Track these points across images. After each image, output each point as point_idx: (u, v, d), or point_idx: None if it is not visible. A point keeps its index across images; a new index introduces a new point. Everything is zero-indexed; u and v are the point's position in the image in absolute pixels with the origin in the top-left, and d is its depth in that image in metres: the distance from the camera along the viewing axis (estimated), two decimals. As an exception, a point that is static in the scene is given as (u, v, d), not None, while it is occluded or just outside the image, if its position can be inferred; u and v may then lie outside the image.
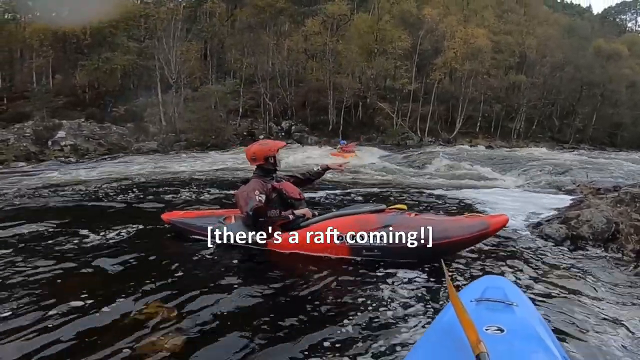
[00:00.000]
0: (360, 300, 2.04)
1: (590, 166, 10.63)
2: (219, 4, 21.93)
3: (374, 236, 2.56)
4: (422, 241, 2.49)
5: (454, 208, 4.77)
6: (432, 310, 1.93)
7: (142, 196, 5.54)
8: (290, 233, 2.72)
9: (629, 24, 38.58)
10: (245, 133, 19.04)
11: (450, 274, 2.21)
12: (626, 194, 3.66)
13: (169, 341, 1.62)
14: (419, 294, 2.10)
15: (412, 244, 2.51)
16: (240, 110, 19.28)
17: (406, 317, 1.85)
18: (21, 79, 17.29)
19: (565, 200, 4.88)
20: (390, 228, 2.57)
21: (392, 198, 5.40)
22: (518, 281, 2.30)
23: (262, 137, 19.00)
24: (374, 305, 1.98)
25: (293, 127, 19.97)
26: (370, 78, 22.09)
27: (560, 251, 3.00)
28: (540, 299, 2.08)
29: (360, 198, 5.32)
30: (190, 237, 3.06)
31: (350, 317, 1.85)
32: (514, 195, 5.93)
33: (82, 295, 2.02)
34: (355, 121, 21.91)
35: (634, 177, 7.68)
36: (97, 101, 16.98)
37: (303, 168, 3.69)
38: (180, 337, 1.66)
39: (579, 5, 43.02)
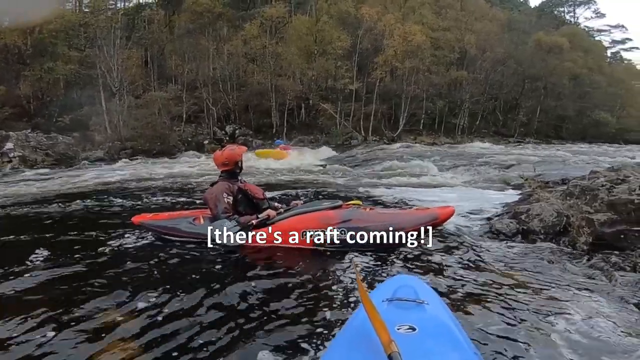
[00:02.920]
0: (273, 302, 2.59)
1: (537, 159, 12.58)
2: (157, 10, 28.18)
3: (334, 230, 3.60)
4: (378, 233, 3.56)
5: (403, 205, 5.87)
6: (348, 310, 2.43)
7: (95, 204, 6.59)
8: (259, 232, 3.74)
9: (567, 16, 48.87)
10: (189, 139, 25.11)
11: (361, 273, 2.99)
12: (575, 186, 4.23)
13: (127, 346, 2.03)
14: (334, 295, 2.68)
15: (369, 236, 3.57)
16: (184, 116, 25.35)
17: (321, 319, 2.33)
18: (-36, 92, 22.40)
19: (513, 195, 5.73)
20: (349, 222, 3.63)
21: (342, 195, 6.79)
22: (467, 278, 2.91)
23: (206, 142, 25.31)
24: (287, 307, 2.52)
25: (237, 131, 26.24)
26: (312, 79, 28.60)
27: (511, 246, 3.67)
28: (492, 294, 2.62)
29: (313, 197, 6.74)
30: (161, 238, 4.06)
31: (265, 321, 2.34)
32: (461, 192, 7.08)
33: (40, 308, 2.49)
34: (299, 123, 28.57)
35: (581, 169, 8.48)
36: (43, 111, 22.44)
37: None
38: (138, 342, 2.08)
39: (516, -2, 52.05)
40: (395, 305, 1.45)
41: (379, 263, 3.31)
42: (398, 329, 1.25)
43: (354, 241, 3.57)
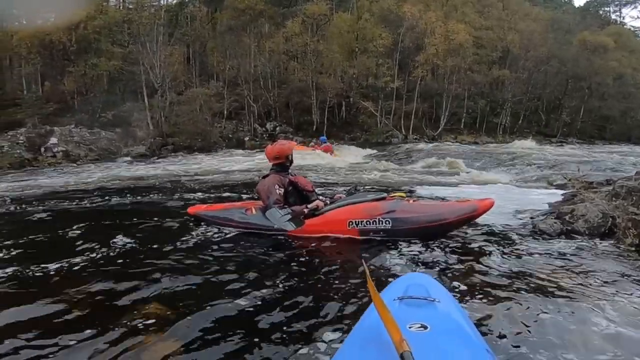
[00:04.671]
0: (297, 297, 2.46)
1: (580, 160, 12.07)
2: (200, 7, 26.39)
3: (379, 220, 3.52)
4: (420, 223, 3.48)
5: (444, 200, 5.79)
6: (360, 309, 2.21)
7: (146, 197, 6.62)
8: (309, 220, 3.73)
9: (613, 16, 44.96)
10: (230, 135, 23.28)
11: (370, 272, 2.60)
12: (622, 187, 4.07)
13: (167, 342, 1.92)
14: (346, 294, 2.51)
15: (411, 225, 3.49)
16: (225, 112, 23.50)
17: (333, 319, 2.19)
18: (11, 87, 21.14)
19: (556, 195, 5.56)
20: (393, 213, 3.53)
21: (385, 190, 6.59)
22: (507, 277, 2.72)
23: (247, 139, 23.43)
24: (298, 307, 2.35)
25: (278, 128, 24.24)
26: (353, 77, 26.49)
27: (554, 246, 3.43)
28: (531, 293, 2.46)
29: (357, 191, 6.23)
30: (213, 228, 4.03)
31: (273, 321, 2.18)
32: (503, 191, 6.83)
33: (87, 299, 2.42)
34: (339, 121, 26.43)
35: (626, 170, 8.23)
36: (86, 107, 20.92)
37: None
38: (178, 340, 1.95)
39: (561, -3, 48.73)
40: (407, 303, 1.36)
41: (422, 254, 3.24)
42: (410, 328, 1.16)
43: (397, 230, 3.52)
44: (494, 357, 1.15)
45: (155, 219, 4.65)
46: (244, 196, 6.36)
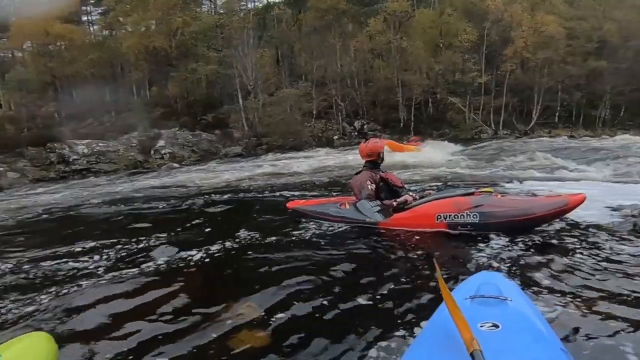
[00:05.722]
0: (373, 293, 2.40)
1: None
2: (285, 9, 26.04)
3: (467, 214, 3.44)
4: (508, 217, 3.36)
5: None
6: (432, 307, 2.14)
7: (246, 195, 6.97)
8: (398, 214, 3.75)
9: None
10: (319, 134, 22.62)
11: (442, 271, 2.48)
12: None
13: (255, 335, 1.94)
14: (421, 291, 2.42)
15: (499, 219, 3.38)
16: (314, 112, 22.87)
17: (406, 316, 2.11)
18: (124, 93, 21.92)
19: None
20: (481, 207, 3.44)
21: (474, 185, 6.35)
22: (597, 278, 2.49)
23: (336, 137, 22.65)
24: (373, 303, 2.28)
25: (365, 126, 23.22)
26: (439, 73, 24.95)
27: None
28: (619, 297, 2.21)
29: (445, 188, 6.39)
30: (311, 220, 4.16)
31: (360, 313, 2.18)
32: (602, 187, 6.25)
33: (186, 293, 2.47)
34: (426, 117, 24.86)
35: None
36: (188, 110, 21.14)
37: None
38: (267, 332, 1.97)
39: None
40: (478, 302, 1.31)
41: (504, 251, 3.04)
42: (481, 327, 1.13)
43: (485, 224, 3.40)
44: (568, 355, 1.07)
45: (255, 215, 4.98)
46: (334, 193, 6.42)
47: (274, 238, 3.70)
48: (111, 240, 3.97)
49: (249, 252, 3.32)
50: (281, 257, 3.13)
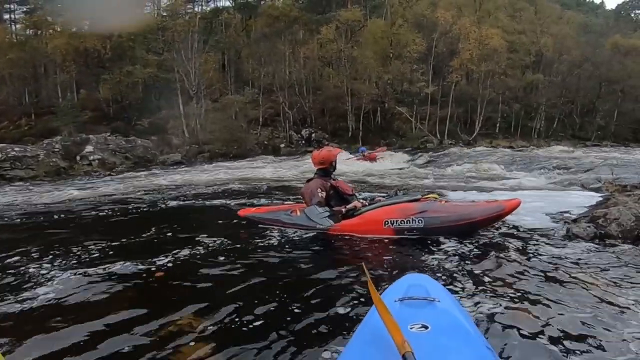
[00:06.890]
0: (280, 306, 2.23)
1: (615, 163, 11.13)
2: (234, 14, 24.30)
3: (412, 220, 3.45)
4: (450, 222, 3.43)
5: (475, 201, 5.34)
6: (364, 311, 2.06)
7: (193, 202, 6.44)
8: (347, 220, 3.70)
9: None
10: (265, 142, 21.12)
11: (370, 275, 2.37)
12: None
13: (199, 349, 1.76)
14: (352, 295, 2.32)
15: (442, 224, 3.44)
16: (261, 119, 21.36)
17: (337, 321, 2.01)
18: (47, 95, 19.34)
19: (591, 198, 5.19)
20: (425, 213, 3.47)
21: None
22: (528, 278, 2.52)
23: (282, 145, 21.24)
24: (305, 310, 2.15)
25: (313, 135, 22.00)
26: (387, 83, 24.27)
27: (586, 249, 3.23)
28: (568, 297, 2.22)
29: (394, 194, 6.34)
30: (261, 228, 3.98)
31: (275, 322, 2.02)
32: (538, 195, 6.36)
33: (121, 309, 2.21)
34: (375, 126, 24.04)
35: None
36: (121, 115, 18.98)
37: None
38: (211, 344, 1.80)
39: (592, 1, 45.92)
40: (407, 304, 1.27)
41: (443, 254, 3.06)
42: (411, 328, 1.10)
43: (429, 229, 3.45)
44: (494, 353, 1.10)
45: (202, 223, 4.69)
46: (277, 200, 6.23)
47: (221, 247, 3.48)
48: (32, 254, 3.37)
49: (194, 262, 3.06)
50: (227, 266, 2.93)
